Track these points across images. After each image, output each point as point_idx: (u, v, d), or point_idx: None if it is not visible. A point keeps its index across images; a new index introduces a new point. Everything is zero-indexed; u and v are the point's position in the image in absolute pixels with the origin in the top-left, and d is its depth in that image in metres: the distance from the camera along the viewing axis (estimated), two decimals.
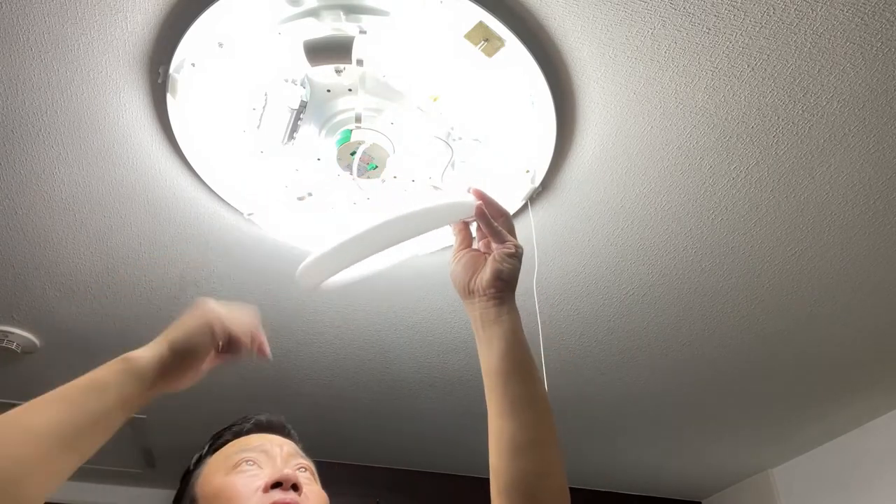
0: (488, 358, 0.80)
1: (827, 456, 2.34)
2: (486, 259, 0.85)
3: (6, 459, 0.57)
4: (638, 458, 2.44)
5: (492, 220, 0.83)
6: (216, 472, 0.83)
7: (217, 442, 0.89)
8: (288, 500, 0.77)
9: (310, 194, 1.25)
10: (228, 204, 1.32)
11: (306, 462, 0.87)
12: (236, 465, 0.82)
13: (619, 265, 1.50)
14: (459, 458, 2.38)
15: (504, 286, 0.81)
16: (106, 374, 0.67)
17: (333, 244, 0.82)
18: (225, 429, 0.90)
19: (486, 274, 0.82)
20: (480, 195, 0.85)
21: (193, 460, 0.89)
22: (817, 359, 1.82)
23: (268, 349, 0.80)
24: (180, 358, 0.72)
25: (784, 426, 2.21)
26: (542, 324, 1.66)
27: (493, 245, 0.84)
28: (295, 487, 0.78)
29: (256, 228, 1.38)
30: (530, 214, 1.32)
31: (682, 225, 1.39)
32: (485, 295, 0.82)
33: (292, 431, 0.92)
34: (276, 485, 0.78)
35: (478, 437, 2.31)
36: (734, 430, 2.24)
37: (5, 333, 1.67)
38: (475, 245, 0.88)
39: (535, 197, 1.30)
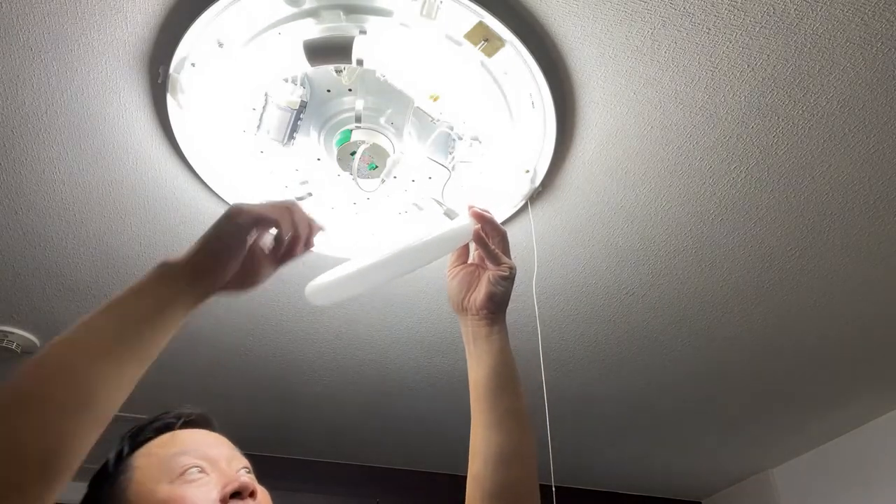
0: (477, 372, 0.84)
1: (827, 456, 2.34)
2: (479, 275, 0.89)
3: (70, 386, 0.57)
4: (638, 458, 2.44)
5: (489, 244, 0.87)
6: (157, 479, 0.75)
7: (138, 439, 0.80)
8: None
9: (310, 194, 1.25)
10: (229, 204, 1.32)
11: (246, 461, 0.83)
12: (182, 474, 0.75)
13: (619, 265, 1.50)
14: (459, 458, 2.37)
15: (496, 308, 0.86)
16: (142, 279, 0.67)
17: (344, 272, 0.87)
18: (145, 424, 0.82)
19: (479, 295, 0.86)
20: (479, 216, 0.88)
21: (112, 460, 0.79)
22: (817, 359, 1.82)
23: (316, 224, 0.77)
24: (210, 249, 0.69)
25: (784, 426, 2.21)
26: (541, 324, 1.66)
27: (489, 266, 0.88)
28: (252, 495, 0.76)
29: None
30: (530, 214, 1.32)
31: (682, 225, 1.39)
32: (477, 314, 0.86)
33: (216, 424, 0.86)
34: (234, 494, 0.74)
35: None
36: (734, 430, 2.24)
37: (5, 333, 1.67)
38: (471, 257, 0.92)
39: (535, 197, 1.29)
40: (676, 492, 2.73)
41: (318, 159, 1.18)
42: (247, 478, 0.78)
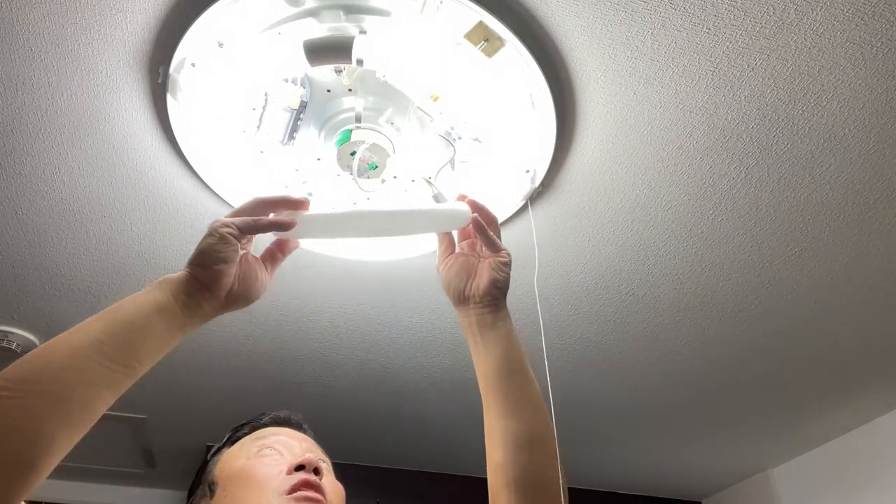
0: (487, 360, 0.84)
1: (827, 456, 2.34)
2: (474, 264, 0.89)
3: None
4: (638, 458, 2.44)
5: (488, 231, 0.86)
6: (236, 458, 0.86)
7: (235, 435, 0.92)
8: (312, 480, 0.79)
9: (310, 194, 1.25)
10: (229, 204, 1.32)
11: (326, 457, 0.90)
12: (258, 452, 0.85)
13: (619, 265, 1.50)
14: (459, 458, 2.38)
15: (499, 293, 0.86)
16: (142, 291, 0.71)
17: (328, 213, 0.86)
18: (244, 423, 0.94)
19: (482, 282, 0.86)
20: (474, 205, 0.88)
21: (211, 452, 0.93)
22: (817, 358, 1.82)
23: (296, 199, 0.80)
24: (200, 262, 0.72)
25: (784, 426, 2.21)
26: (541, 324, 1.66)
27: (488, 253, 0.88)
28: (317, 472, 0.81)
29: None
30: (530, 214, 1.32)
31: (682, 225, 1.39)
32: (481, 302, 0.86)
33: (308, 429, 0.95)
34: (299, 468, 0.80)
35: (478, 437, 2.30)
36: (734, 430, 2.24)
37: (5, 333, 1.67)
38: (457, 247, 0.92)
39: (535, 197, 1.30)
40: (676, 492, 2.73)
41: (319, 159, 1.18)
42: (314, 456, 0.83)
